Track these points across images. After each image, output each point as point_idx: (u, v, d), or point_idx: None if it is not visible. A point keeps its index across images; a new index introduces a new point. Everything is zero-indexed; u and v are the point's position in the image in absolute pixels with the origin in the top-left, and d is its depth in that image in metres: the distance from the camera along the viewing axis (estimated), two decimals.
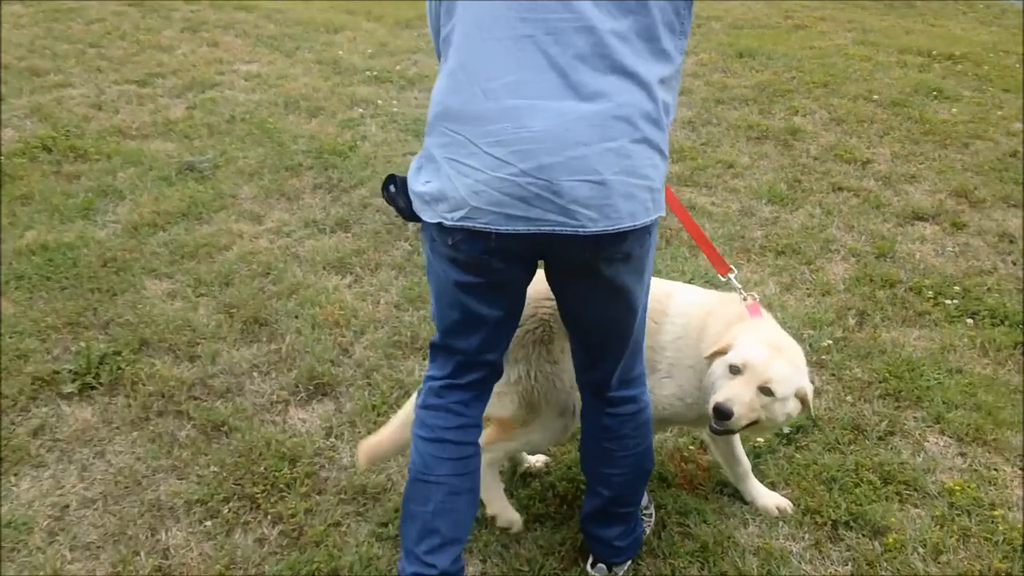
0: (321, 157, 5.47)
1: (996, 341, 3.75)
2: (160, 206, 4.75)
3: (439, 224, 2.03)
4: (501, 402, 2.61)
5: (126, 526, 2.77)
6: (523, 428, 2.64)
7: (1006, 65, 7.81)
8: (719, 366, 2.40)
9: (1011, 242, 4.64)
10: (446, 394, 2.31)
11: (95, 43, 7.71)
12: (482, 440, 2.67)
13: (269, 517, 2.80)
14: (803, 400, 2.39)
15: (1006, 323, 3.89)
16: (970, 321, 3.92)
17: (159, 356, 3.54)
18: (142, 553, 2.67)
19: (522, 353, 2.55)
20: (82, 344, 3.53)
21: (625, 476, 2.49)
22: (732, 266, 2.65)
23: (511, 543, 2.73)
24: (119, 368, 3.43)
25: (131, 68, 7.11)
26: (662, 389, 2.61)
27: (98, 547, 2.70)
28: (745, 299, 2.51)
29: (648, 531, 2.76)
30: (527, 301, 2.37)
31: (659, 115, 2.01)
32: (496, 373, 2.37)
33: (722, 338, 2.43)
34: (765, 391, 2.35)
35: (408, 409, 2.73)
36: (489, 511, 2.73)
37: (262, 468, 2.97)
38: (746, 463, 2.88)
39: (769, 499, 2.89)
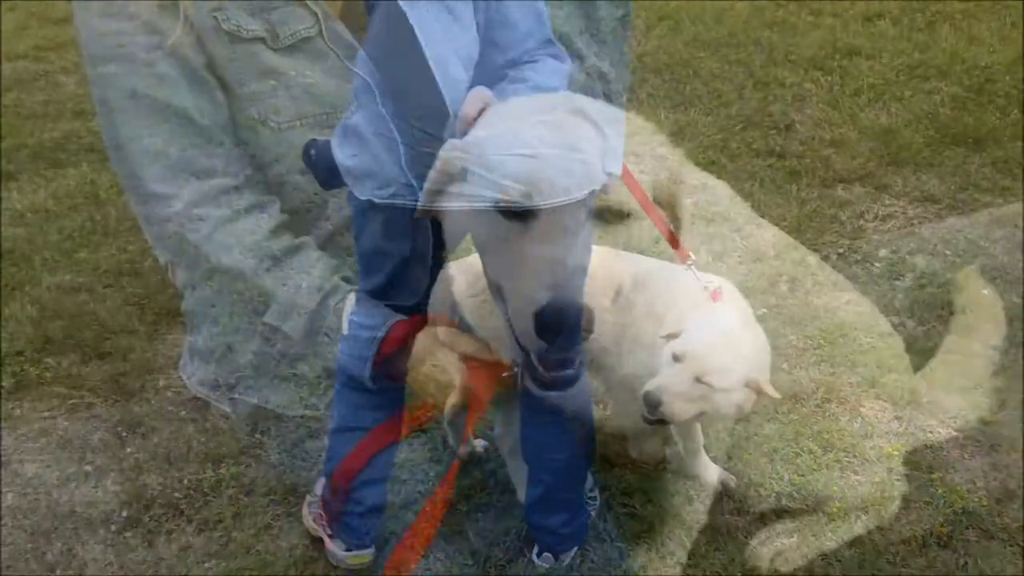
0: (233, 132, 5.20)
1: (924, 302, 3.79)
2: (58, 191, 4.45)
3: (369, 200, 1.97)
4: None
5: (37, 542, 2.58)
6: None
7: (921, 20, 7.92)
8: (667, 352, 2.31)
9: (934, 202, 4.70)
10: (374, 345, 2.29)
11: None
12: None
13: (194, 524, 2.65)
14: (757, 390, 2.27)
15: (933, 284, 3.93)
16: (898, 283, 3.96)
17: (65, 355, 3.31)
18: (57, 571, 2.50)
19: (492, 321, 2.43)
20: None
21: (567, 460, 2.43)
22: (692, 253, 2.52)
23: (454, 536, 2.64)
24: (22, 369, 3.22)
25: (22, 42, 6.64)
26: (622, 367, 2.54)
27: (7, 567, 2.51)
28: (706, 287, 2.42)
29: (593, 514, 2.69)
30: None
31: (594, 84, 1.95)
32: (424, 322, 2.37)
33: (678, 321, 2.33)
34: (702, 382, 2.23)
35: None
36: None
37: (184, 471, 2.81)
38: (700, 438, 2.82)
39: (713, 474, 2.85)
